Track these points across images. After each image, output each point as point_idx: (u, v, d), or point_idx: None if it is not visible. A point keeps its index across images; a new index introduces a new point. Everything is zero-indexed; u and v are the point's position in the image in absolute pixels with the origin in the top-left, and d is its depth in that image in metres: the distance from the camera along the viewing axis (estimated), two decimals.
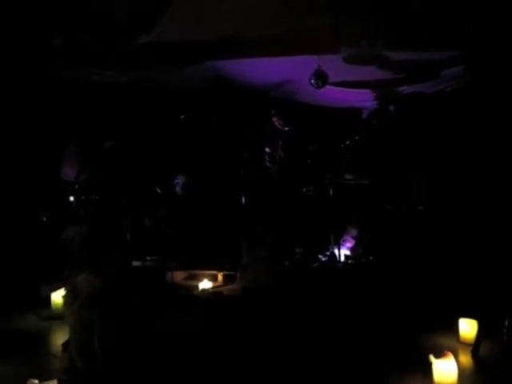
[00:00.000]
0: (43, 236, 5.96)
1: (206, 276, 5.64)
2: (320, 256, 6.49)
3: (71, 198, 6.32)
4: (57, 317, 4.45)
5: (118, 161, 6.55)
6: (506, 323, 3.91)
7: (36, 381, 3.01)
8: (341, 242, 6.51)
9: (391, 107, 6.93)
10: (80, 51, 5.19)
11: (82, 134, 6.50)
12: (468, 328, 3.96)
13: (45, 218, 6.22)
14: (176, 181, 6.78)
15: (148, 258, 6.18)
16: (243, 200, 6.78)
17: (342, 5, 4.41)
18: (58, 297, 4.60)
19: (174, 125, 7.10)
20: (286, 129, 6.75)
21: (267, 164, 6.81)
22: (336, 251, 6.48)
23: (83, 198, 6.27)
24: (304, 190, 6.78)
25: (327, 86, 5.82)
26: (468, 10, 4.49)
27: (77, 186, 6.30)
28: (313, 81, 5.70)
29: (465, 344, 3.92)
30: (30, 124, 6.33)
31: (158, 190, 6.86)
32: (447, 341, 4.00)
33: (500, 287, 4.28)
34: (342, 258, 6.45)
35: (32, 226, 6.12)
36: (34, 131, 6.34)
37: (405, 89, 6.48)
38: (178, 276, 5.87)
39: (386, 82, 6.29)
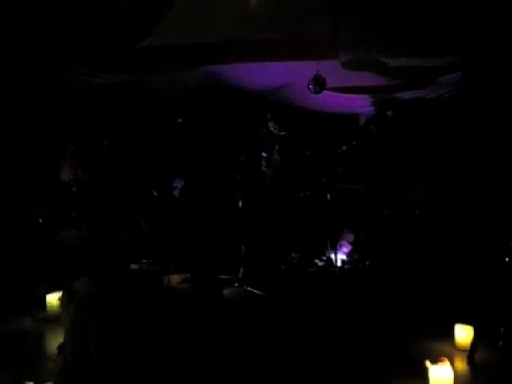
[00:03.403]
0: (39, 237, 5.93)
1: None
2: (316, 261, 6.51)
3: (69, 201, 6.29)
4: (52, 319, 4.43)
5: (116, 161, 6.54)
6: (502, 329, 3.92)
7: (31, 383, 2.99)
8: (337, 246, 6.53)
9: (389, 113, 6.96)
10: (78, 53, 5.18)
11: (79, 133, 6.49)
12: (464, 334, 3.97)
13: (41, 220, 6.19)
14: (174, 184, 6.77)
15: (144, 261, 6.16)
16: (240, 204, 6.78)
17: (340, 11, 4.43)
18: (53, 299, 4.58)
19: (170, 128, 7.10)
20: (282, 133, 6.77)
21: (263, 168, 6.82)
22: (332, 256, 6.50)
23: (81, 199, 6.25)
24: (301, 194, 6.79)
25: (325, 92, 5.84)
26: (465, 17, 4.51)
27: (74, 189, 6.28)
28: (311, 86, 5.72)
29: (461, 350, 3.93)
30: (27, 124, 6.30)
31: (155, 193, 6.84)
32: (443, 346, 4.00)
33: (496, 293, 4.29)
34: (339, 263, 6.47)
35: (28, 227, 6.09)
36: (31, 131, 6.32)
37: (403, 95, 6.52)
38: (175, 279, 5.86)
39: (384, 88, 6.32)
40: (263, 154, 6.80)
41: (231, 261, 6.24)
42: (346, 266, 6.43)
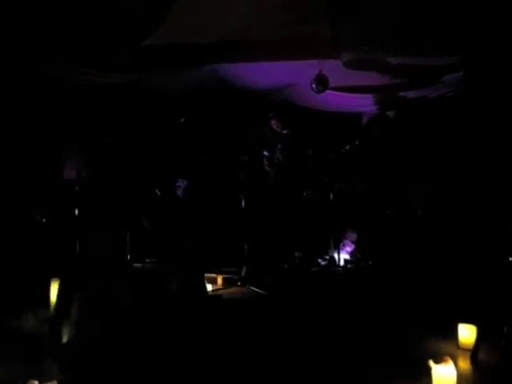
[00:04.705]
0: (41, 237, 5.94)
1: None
2: (319, 260, 6.51)
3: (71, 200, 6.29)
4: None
5: (119, 160, 6.54)
6: (505, 329, 3.92)
7: (36, 382, 3.00)
8: (340, 246, 6.53)
9: (391, 113, 6.95)
10: (81, 53, 5.18)
11: (82, 133, 6.49)
12: (467, 333, 3.97)
13: (44, 219, 6.20)
14: (177, 184, 6.77)
15: (147, 260, 6.18)
16: (242, 203, 6.79)
17: (342, 10, 4.43)
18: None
19: (173, 127, 7.10)
20: (285, 132, 6.76)
21: (266, 168, 6.82)
22: (335, 255, 6.50)
23: (87, 203, 6.22)
24: (304, 193, 6.79)
25: (328, 91, 5.84)
26: (466, 16, 4.51)
27: (77, 188, 6.28)
28: (314, 85, 5.72)
29: (464, 349, 3.92)
30: (30, 123, 6.30)
31: (158, 192, 6.85)
32: (446, 346, 4.00)
33: (499, 293, 4.29)
34: (342, 262, 6.47)
35: (29, 227, 6.10)
36: (33, 131, 6.31)
37: (405, 94, 6.51)
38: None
39: (387, 87, 6.31)
40: (265, 153, 6.80)
41: (234, 260, 6.26)
42: (348, 266, 6.43)
